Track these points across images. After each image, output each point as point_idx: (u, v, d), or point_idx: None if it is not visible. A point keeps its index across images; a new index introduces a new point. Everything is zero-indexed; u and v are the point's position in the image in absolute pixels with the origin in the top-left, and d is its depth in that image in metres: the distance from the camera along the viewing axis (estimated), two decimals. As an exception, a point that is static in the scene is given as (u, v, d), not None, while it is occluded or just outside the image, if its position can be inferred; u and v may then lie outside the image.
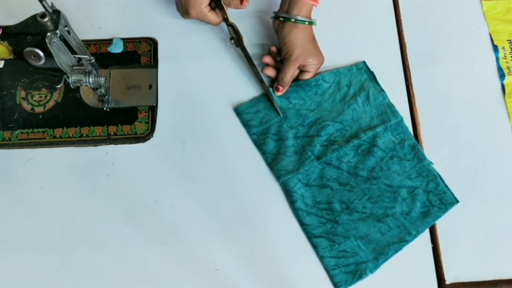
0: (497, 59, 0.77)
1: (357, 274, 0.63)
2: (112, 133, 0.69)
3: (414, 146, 0.69)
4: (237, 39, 0.73)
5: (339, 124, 0.71)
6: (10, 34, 0.58)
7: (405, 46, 0.77)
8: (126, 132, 0.70)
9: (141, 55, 0.75)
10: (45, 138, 0.69)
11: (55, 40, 0.56)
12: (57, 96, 0.72)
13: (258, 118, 0.71)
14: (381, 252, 0.64)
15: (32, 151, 0.69)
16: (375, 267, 0.63)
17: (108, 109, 0.71)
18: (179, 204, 0.66)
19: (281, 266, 0.64)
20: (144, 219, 0.66)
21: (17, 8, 0.76)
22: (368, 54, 0.76)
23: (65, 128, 0.70)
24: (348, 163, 0.69)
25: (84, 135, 0.69)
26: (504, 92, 0.75)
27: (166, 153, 0.69)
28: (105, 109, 0.71)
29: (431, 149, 0.70)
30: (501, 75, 0.76)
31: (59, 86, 0.62)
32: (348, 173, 0.68)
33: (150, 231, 0.65)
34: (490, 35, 0.79)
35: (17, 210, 0.66)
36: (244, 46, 0.73)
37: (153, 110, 0.71)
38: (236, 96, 0.73)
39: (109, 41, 0.75)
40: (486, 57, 0.77)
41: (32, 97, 0.71)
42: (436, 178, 0.68)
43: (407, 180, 0.68)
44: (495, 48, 0.78)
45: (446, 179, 0.68)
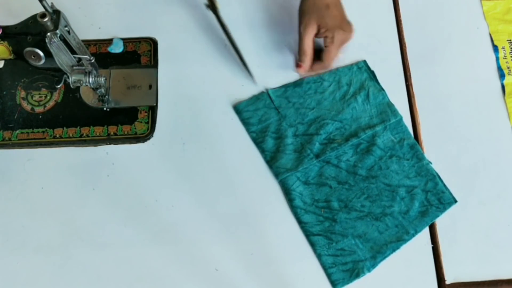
0: (497, 59, 0.77)
1: (354, 273, 0.63)
2: (112, 133, 0.69)
3: (413, 146, 0.69)
4: (211, 5, 0.70)
5: (338, 122, 0.71)
6: (10, 34, 0.58)
7: (405, 46, 0.77)
8: (126, 132, 0.70)
9: (141, 55, 0.75)
10: (45, 138, 0.69)
11: (55, 40, 0.56)
12: (57, 96, 0.72)
13: (258, 116, 0.71)
14: (379, 251, 0.64)
15: (32, 151, 0.69)
16: (372, 266, 0.63)
17: (108, 109, 0.71)
18: (179, 204, 0.66)
19: (281, 265, 0.64)
20: (144, 219, 0.66)
21: (17, 8, 0.76)
22: (368, 54, 0.76)
23: (65, 128, 0.70)
24: (347, 162, 0.69)
25: (84, 135, 0.69)
26: (504, 92, 0.75)
27: (166, 153, 0.69)
28: (105, 109, 0.71)
29: (431, 149, 0.70)
30: (501, 75, 0.76)
31: (59, 86, 0.62)
32: (347, 171, 0.68)
33: (150, 231, 0.65)
34: (490, 35, 0.79)
35: (17, 210, 0.66)
36: (218, 13, 0.70)
37: (153, 110, 0.71)
38: (236, 95, 0.73)
39: (109, 41, 0.75)
40: (486, 57, 0.77)
41: (32, 97, 0.71)
42: (435, 177, 0.68)
43: (406, 179, 0.68)
44: (495, 48, 0.78)
45: (446, 179, 0.68)
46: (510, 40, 0.78)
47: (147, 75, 0.73)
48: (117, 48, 0.75)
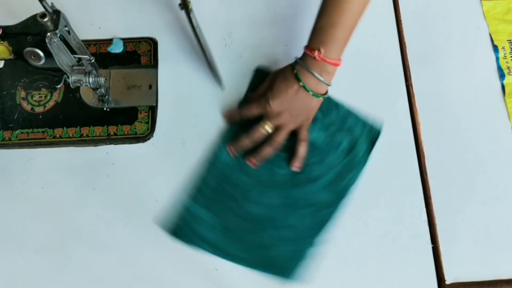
0: (497, 59, 0.77)
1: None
2: (112, 133, 0.69)
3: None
4: (183, 4, 0.65)
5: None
6: (10, 34, 0.58)
7: (405, 46, 0.77)
8: (126, 132, 0.70)
9: (141, 55, 0.75)
10: (45, 138, 0.69)
11: (55, 40, 0.56)
12: (57, 96, 0.72)
13: None
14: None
15: (32, 151, 0.69)
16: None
17: (108, 109, 0.71)
18: (179, 204, 0.66)
19: (281, 266, 0.64)
20: (144, 219, 0.66)
21: (17, 8, 0.76)
22: (368, 54, 0.76)
23: (65, 128, 0.70)
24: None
25: (84, 135, 0.69)
26: (504, 92, 0.75)
27: (166, 153, 0.69)
28: (105, 109, 0.71)
29: (431, 149, 0.70)
30: (501, 75, 0.76)
31: (59, 86, 0.62)
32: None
33: (150, 231, 0.65)
34: (490, 35, 0.79)
35: (17, 210, 0.66)
36: (189, 12, 0.65)
37: (153, 110, 0.71)
38: (236, 95, 0.73)
39: (109, 41, 0.75)
40: (486, 57, 0.77)
41: (32, 97, 0.71)
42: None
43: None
44: (495, 48, 0.78)
45: (446, 179, 0.68)
46: (510, 40, 0.78)
47: (147, 75, 0.73)
48: (117, 48, 0.75)
